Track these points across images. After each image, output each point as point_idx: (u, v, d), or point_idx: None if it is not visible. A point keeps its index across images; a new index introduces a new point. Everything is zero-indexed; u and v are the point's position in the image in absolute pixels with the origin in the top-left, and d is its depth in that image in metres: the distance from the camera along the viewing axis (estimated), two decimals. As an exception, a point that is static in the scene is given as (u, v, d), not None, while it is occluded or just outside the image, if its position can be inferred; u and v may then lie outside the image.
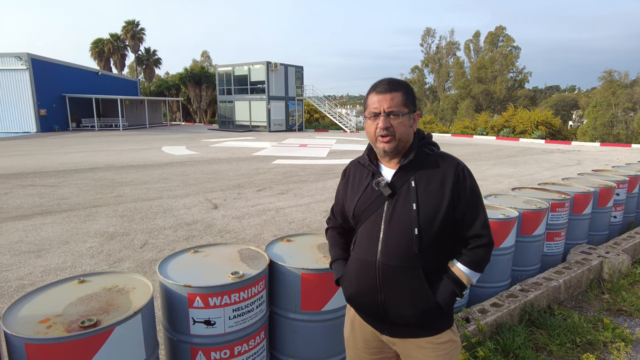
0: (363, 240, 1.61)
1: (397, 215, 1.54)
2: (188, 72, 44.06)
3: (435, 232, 1.53)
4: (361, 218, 1.62)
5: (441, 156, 1.61)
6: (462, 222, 1.57)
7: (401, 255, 1.52)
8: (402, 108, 1.53)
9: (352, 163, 1.79)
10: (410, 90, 1.57)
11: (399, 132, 1.53)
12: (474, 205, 1.58)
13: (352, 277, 1.65)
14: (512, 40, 50.47)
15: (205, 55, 57.36)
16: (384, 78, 1.59)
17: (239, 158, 14.89)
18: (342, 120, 34.70)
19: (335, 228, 1.85)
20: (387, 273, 1.54)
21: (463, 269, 1.58)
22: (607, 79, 45.54)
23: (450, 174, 1.55)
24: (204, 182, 9.99)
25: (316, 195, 8.61)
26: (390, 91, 1.53)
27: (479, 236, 1.58)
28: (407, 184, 1.55)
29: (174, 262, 2.22)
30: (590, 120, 40.11)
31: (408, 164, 1.56)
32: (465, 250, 1.60)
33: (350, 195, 1.69)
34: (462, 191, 1.55)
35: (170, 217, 6.76)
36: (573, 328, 3.18)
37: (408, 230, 1.51)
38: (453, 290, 1.56)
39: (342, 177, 1.81)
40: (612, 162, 15.02)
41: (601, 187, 4.93)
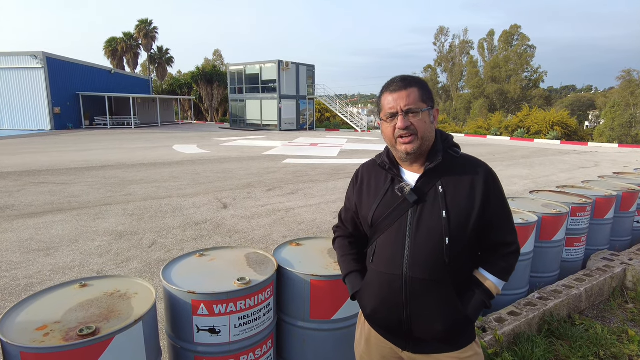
0: (385, 252, 1.49)
1: (425, 223, 1.42)
2: (200, 71, 44.28)
3: (465, 241, 1.42)
4: (381, 227, 1.50)
5: (467, 159, 1.50)
6: (491, 228, 1.47)
7: (430, 267, 1.41)
8: (420, 104, 1.42)
9: (365, 166, 1.66)
10: (425, 85, 1.46)
11: (421, 130, 1.42)
12: (503, 211, 1.48)
13: (372, 292, 1.52)
14: (527, 39, 49.72)
15: (217, 54, 57.63)
16: (396, 76, 1.47)
17: (249, 157, 14.85)
18: (353, 119, 34.52)
19: (346, 237, 1.73)
20: (415, 287, 1.43)
21: (492, 279, 1.48)
22: (625, 78, 44.57)
23: (479, 178, 1.44)
24: (214, 181, 9.96)
25: (326, 195, 8.51)
26: (405, 88, 1.42)
27: (508, 243, 1.48)
28: (433, 190, 1.44)
29: (179, 267, 2.13)
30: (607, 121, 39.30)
31: (435, 168, 1.45)
32: (493, 259, 1.49)
33: (366, 201, 1.56)
34: (492, 196, 1.45)
35: (180, 217, 6.71)
36: (596, 340, 3.03)
37: (438, 240, 1.40)
38: (483, 302, 1.46)
39: (353, 181, 1.68)
40: (631, 164, 14.65)
41: (624, 191, 4.74)
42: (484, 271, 1.50)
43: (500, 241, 1.48)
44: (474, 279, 1.50)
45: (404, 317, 1.45)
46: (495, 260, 1.49)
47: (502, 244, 1.48)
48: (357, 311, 2.21)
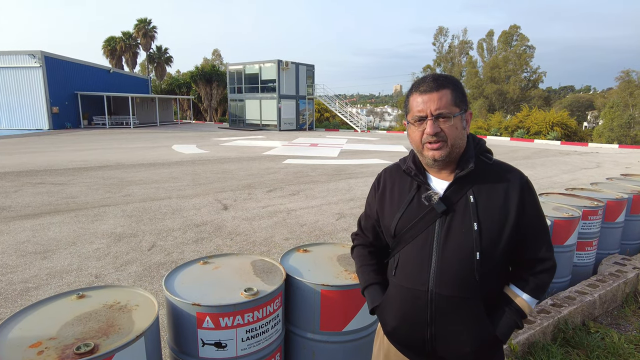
0: (409, 265, 1.37)
1: (454, 236, 1.30)
2: (199, 71, 44.14)
3: (497, 256, 1.30)
4: (405, 238, 1.38)
5: (501, 166, 1.38)
6: (525, 243, 1.35)
7: (459, 283, 1.29)
8: (452, 108, 1.29)
9: (388, 171, 1.55)
10: (459, 85, 1.33)
11: (452, 138, 1.30)
12: (540, 224, 1.36)
13: (394, 308, 1.41)
14: (527, 40, 49.69)
15: (216, 53, 57.47)
16: (428, 74, 1.35)
17: (249, 157, 14.73)
18: (352, 119, 34.41)
19: (365, 246, 1.62)
20: (441, 305, 1.31)
21: (526, 298, 1.36)
22: (624, 79, 44.60)
23: (514, 188, 1.32)
24: (214, 181, 9.84)
25: (328, 196, 8.40)
26: (437, 89, 1.29)
27: (544, 259, 1.36)
28: (464, 199, 1.32)
29: (182, 275, 2.02)
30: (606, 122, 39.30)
31: (466, 175, 1.33)
32: (528, 276, 1.37)
33: (388, 210, 1.45)
34: (528, 207, 1.33)
35: (179, 218, 6.59)
36: (613, 349, 2.93)
37: (468, 254, 1.28)
38: (515, 322, 1.34)
39: (374, 187, 1.57)
40: (633, 165, 14.57)
41: (635, 193, 4.64)
42: (515, 288, 1.38)
43: (535, 257, 1.36)
44: (505, 297, 1.38)
45: (427, 335, 1.34)
46: (529, 277, 1.37)
47: (536, 260, 1.36)
48: (369, 322, 2.10)
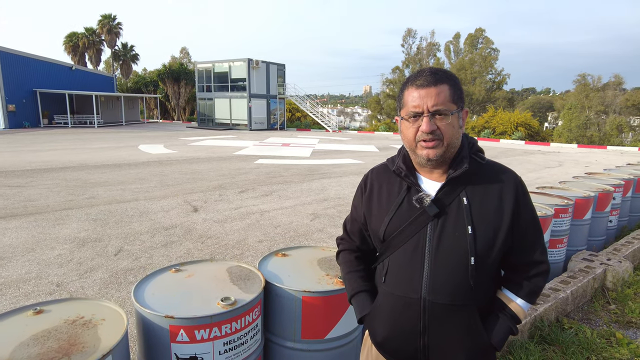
0: (400, 272, 1.30)
1: (447, 240, 1.24)
2: (166, 69, 43.01)
3: (492, 260, 1.25)
4: (395, 243, 1.31)
5: (494, 166, 1.32)
6: (520, 246, 1.30)
7: (453, 290, 1.23)
8: (450, 105, 1.23)
9: (375, 171, 1.47)
10: (457, 81, 1.26)
11: (448, 136, 1.23)
12: (535, 227, 1.31)
13: (384, 317, 1.34)
14: (492, 43, 51.10)
15: (184, 51, 56.18)
16: (425, 68, 1.27)
17: (219, 157, 14.43)
18: (324, 119, 34.42)
19: (352, 251, 1.53)
20: (435, 313, 1.24)
21: (520, 303, 1.31)
22: (580, 82, 46.79)
23: (509, 189, 1.27)
24: (183, 182, 9.55)
25: (302, 197, 8.30)
26: (435, 84, 1.22)
27: (538, 263, 1.32)
28: (457, 201, 1.25)
29: (153, 285, 1.88)
30: (565, 122, 41.05)
31: (459, 176, 1.26)
32: (522, 281, 1.32)
33: (377, 212, 1.37)
34: (523, 209, 1.28)
35: (147, 221, 6.33)
36: (587, 344, 2.98)
37: (462, 260, 1.22)
38: (509, 328, 1.30)
39: (361, 188, 1.48)
40: (592, 164, 15.21)
41: (600, 192, 4.78)
42: (509, 293, 1.33)
43: (530, 260, 1.31)
44: (499, 302, 1.33)
45: (420, 345, 1.27)
46: (523, 281, 1.32)
47: (531, 264, 1.32)
48: (352, 328, 2.03)
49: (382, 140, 25.12)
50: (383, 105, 56.26)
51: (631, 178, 5.79)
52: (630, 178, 5.77)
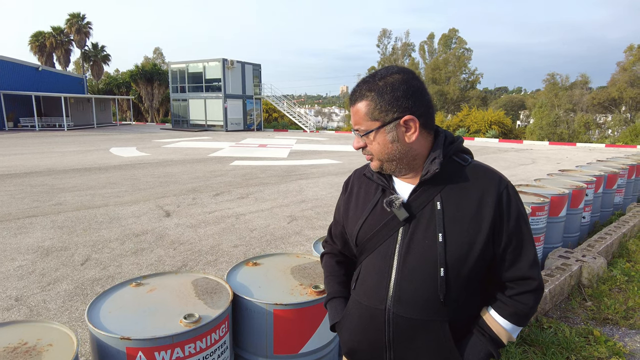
0: (368, 279, 1.21)
1: (416, 248, 1.13)
2: (139, 70, 42.04)
3: (467, 273, 1.12)
4: (366, 247, 1.22)
5: (477, 168, 1.19)
6: (504, 259, 1.16)
7: (421, 303, 1.12)
8: (369, 123, 1.13)
9: (357, 172, 1.38)
10: (384, 90, 1.11)
11: (376, 153, 1.17)
12: (521, 237, 1.16)
13: (352, 327, 1.24)
14: (465, 43, 52.10)
15: (157, 52, 55.09)
16: (359, 81, 1.18)
17: (194, 159, 14.12)
18: (301, 119, 34.28)
19: (334, 255, 1.44)
20: (401, 327, 1.14)
21: (503, 323, 1.17)
22: (550, 81, 48.20)
23: (490, 194, 1.13)
24: (155, 186, 9.26)
25: (279, 199, 8.15)
26: (354, 102, 1.16)
27: (526, 278, 1.16)
28: (430, 206, 1.14)
29: (110, 302, 1.73)
30: (537, 120, 42.19)
31: (433, 178, 1.15)
32: (506, 298, 1.18)
33: (353, 214, 1.28)
34: (507, 218, 1.14)
35: (117, 227, 6.07)
36: (566, 344, 2.95)
37: (431, 270, 1.11)
38: (488, 352, 1.16)
39: (343, 190, 1.40)
40: (563, 160, 15.59)
41: (573, 189, 4.83)
42: (493, 312, 1.19)
43: (516, 276, 1.17)
44: (480, 321, 1.20)
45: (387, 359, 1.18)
46: (507, 299, 1.18)
47: (517, 279, 1.18)
48: (328, 340, 1.92)
49: (359, 140, 25.12)
50: (360, 105, 56.57)
51: (602, 174, 5.89)
52: (601, 174, 5.87)
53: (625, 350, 3.04)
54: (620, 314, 3.55)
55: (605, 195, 6.12)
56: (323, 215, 6.95)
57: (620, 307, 3.65)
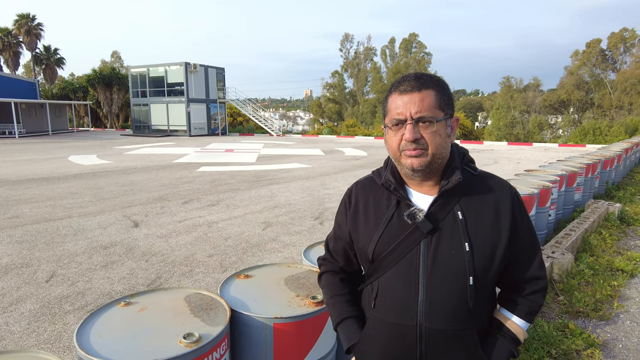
0: (393, 296, 1.18)
1: (443, 259, 1.13)
2: (97, 74, 40.33)
3: (490, 279, 1.17)
4: (385, 263, 1.19)
5: (487, 177, 1.24)
6: (518, 261, 1.22)
7: (452, 314, 1.13)
8: (436, 112, 1.13)
9: (360, 185, 1.35)
10: (445, 86, 1.17)
11: (434, 145, 1.13)
12: (532, 241, 1.24)
13: (377, 347, 1.21)
14: (425, 47, 53.47)
15: (115, 55, 53.18)
16: (410, 73, 1.17)
17: (158, 166, 13.70)
18: (266, 123, 34.04)
19: (336, 273, 1.40)
20: (433, 340, 1.14)
21: (520, 323, 1.23)
22: (505, 84, 50.38)
23: (505, 201, 1.19)
24: (120, 195, 8.91)
25: (251, 205, 8.04)
26: (419, 89, 1.12)
27: (537, 279, 1.24)
28: (451, 216, 1.15)
29: (99, 325, 1.62)
30: (494, 122, 43.94)
31: (453, 189, 1.16)
32: (520, 298, 1.24)
33: (364, 230, 1.25)
34: (520, 223, 1.20)
35: (83, 240, 5.79)
36: (545, 338, 3.06)
37: (460, 280, 1.12)
38: (510, 352, 1.21)
39: (345, 203, 1.36)
40: (523, 160, 16.27)
41: (541, 188, 5.04)
42: (508, 312, 1.25)
43: (528, 277, 1.24)
44: (497, 323, 1.25)
45: None
46: (521, 299, 1.24)
47: (529, 280, 1.24)
48: (327, 350, 1.89)
49: (326, 143, 25.27)
50: (324, 108, 56.84)
51: (564, 174, 6.19)
52: (563, 174, 6.17)
53: (599, 341, 3.19)
54: (590, 306, 3.72)
55: (567, 193, 6.43)
56: (298, 220, 6.91)
57: (590, 300, 3.83)
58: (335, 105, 56.37)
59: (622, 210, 6.98)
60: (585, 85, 45.60)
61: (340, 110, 55.67)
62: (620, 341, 3.29)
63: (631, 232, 6.39)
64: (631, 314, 3.77)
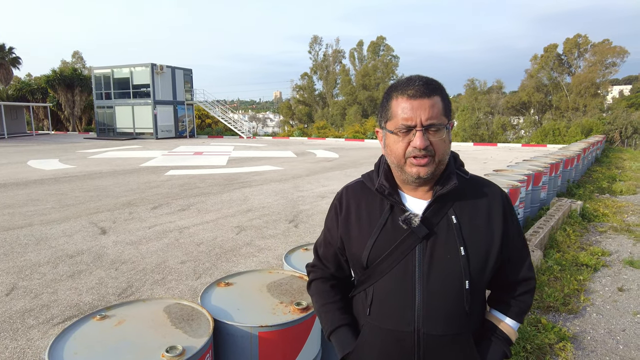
0: (389, 302, 1.17)
1: (439, 264, 1.13)
2: (57, 74, 38.66)
3: (485, 282, 1.18)
4: (379, 269, 1.18)
5: (478, 180, 1.25)
6: (509, 263, 1.24)
7: (449, 319, 1.13)
8: (442, 119, 1.12)
9: (350, 189, 1.32)
10: (446, 92, 1.17)
11: (440, 152, 1.12)
12: (521, 242, 1.26)
13: (374, 354, 1.20)
14: (392, 50, 54.33)
15: (77, 56, 51.17)
16: (414, 76, 1.14)
17: (125, 170, 13.27)
18: (236, 125, 33.65)
19: (326, 279, 1.37)
20: (431, 346, 1.13)
21: (512, 324, 1.25)
22: (470, 86, 51.99)
23: (497, 205, 1.20)
24: (85, 201, 8.56)
25: (223, 209, 7.90)
26: (429, 95, 1.11)
27: (527, 279, 1.26)
28: (445, 220, 1.15)
29: (73, 341, 1.53)
30: (460, 123, 45.15)
31: (447, 193, 1.16)
32: (511, 300, 1.26)
33: (356, 236, 1.23)
34: (511, 226, 1.22)
35: (47, 249, 5.51)
36: (521, 334, 3.15)
37: (456, 285, 1.12)
38: (504, 353, 1.22)
39: (335, 208, 1.32)
40: (489, 160, 16.77)
41: (511, 187, 5.19)
42: (500, 314, 1.27)
43: (518, 278, 1.26)
44: (490, 325, 1.26)
45: None
46: (512, 300, 1.26)
47: (519, 281, 1.26)
48: (313, 357, 1.87)
49: (298, 145, 25.22)
50: (294, 110, 56.77)
51: (531, 173, 6.41)
52: (530, 173, 6.39)
53: (570, 334, 3.31)
54: (559, 301, 3.86)
55: (534, 192, 6.66)
56: (272, 223, 6.84)
57: (559, 294, 3.98)
58: (305, 107, 56.40)
59: (583, 207, 7.30)
60: (544, 88, 47.64)
61: (310, 112, 55.75)
62: (588, 333, 3.43)
63: (592, 228, 6.70)
64: (596, 306, 3.94)
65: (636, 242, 5.94)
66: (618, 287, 4.37)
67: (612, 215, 7.42)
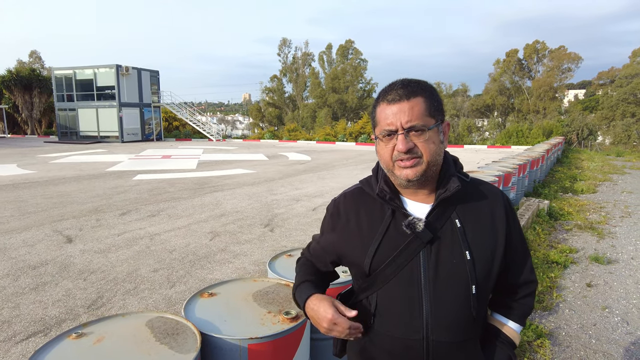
0: (395, 310, 1.14)
1: (445, 269, 1.11)
2: (13, 75, 36.83)
3: (490, 287, 1.17)
4: (383, 276, 1.14)
5: (479, 184, 1.24)
6: (512, 266, 1.23)
7: (457, 325, 1.11)
8: (427, 119, 1.10)
9: (348, 195, 1.29)
10: (434, 92, 1.15)
11: (428, 153, 1.10)
12: (523, 245, 1.26)
13: None
14: (360, 53, 54.90)
15: (34, 55, 48.95)
16: (397, 80, 1.13)
17: (90, 175, 12.76)
18: (204, 128, 33.06)
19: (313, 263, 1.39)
20: (440, 353, 1.11)
21: (515, 328, 1.25)
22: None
23: (499, 208, 1.19)
24: (48, 208, 8.15)
25: (195, 214, 7.70)
26: (407, 97, 1.09)
27: (529, 282, 1.26)
28: (449, 224, 1.14)
29: (48, 363, 1.42)
30: (429, 125, 46.04)
31: (450, 197, 1.14)
32: (514, 303, 1.26)
33: (357, 244, 1.19)
34: (513, 228, 1.21)
35: (6, 260, 5.19)
36: (499, 335, 3.20)
37: (462, 289, 1.11)
38: (510, 357, 1.22)
39: (332, 215, 1.29)
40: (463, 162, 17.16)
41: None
42: (503, 318, 1.27)
43: (522, 281, 1.25)
44: (494, 329, 1.25)
45: None
46: (515, 303, 1.26)
47: (522, 284, 1.26)
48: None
49: (269, 148, 25.03)
50: (264, 113, 56.39)
51: (501, 174, 6.58)
52: (501, 174, 6.56)
53: (546, 331, 3.41)
54: (535, 298, 3.96)
55: (504, 192, 6.84)
56: (247, 228, 6.72)
57: (533, 293, 4.08)
58: (276, 109, 56.16)
59: (550, 207, 7.57)
60: (506, 91, 49.41)
61: (280, 115, 55.55)
62: (562, 329, 3.53)
63: (559, 227, 6.95)
64: (568, 302, 4.07)
65: (599, 239, 6.21)
66: (587, 283, 4.53)
67: (576, 214, 7.74)
